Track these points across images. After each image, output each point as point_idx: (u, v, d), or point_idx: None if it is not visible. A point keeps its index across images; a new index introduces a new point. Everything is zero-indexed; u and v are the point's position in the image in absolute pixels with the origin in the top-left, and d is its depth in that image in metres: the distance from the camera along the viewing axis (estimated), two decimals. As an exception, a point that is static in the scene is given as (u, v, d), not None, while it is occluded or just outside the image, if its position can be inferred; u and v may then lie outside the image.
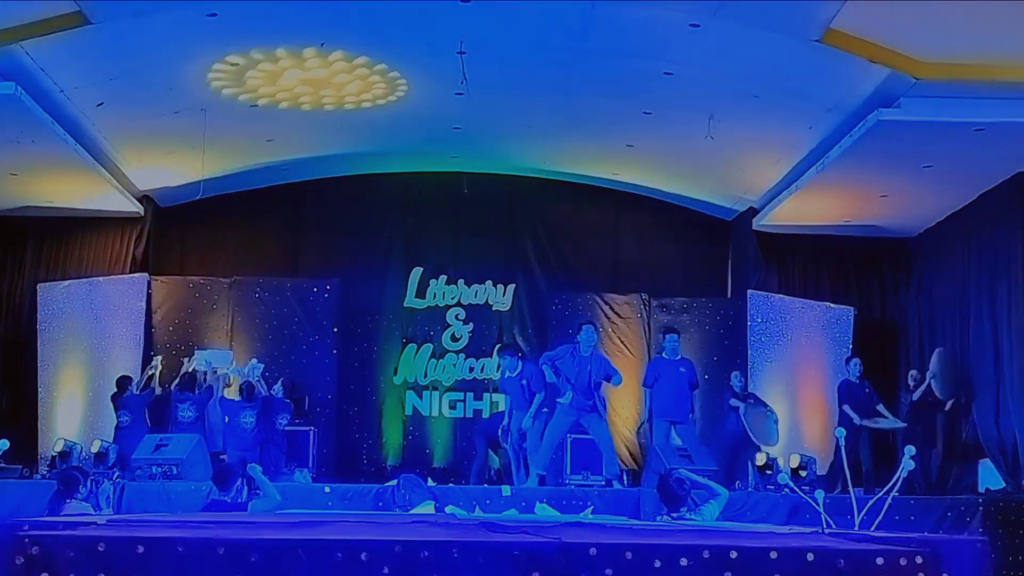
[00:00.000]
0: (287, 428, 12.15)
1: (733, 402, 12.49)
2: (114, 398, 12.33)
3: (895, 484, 5.93)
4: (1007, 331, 11.81)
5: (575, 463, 12.44)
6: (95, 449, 10.97)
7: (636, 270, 15.47)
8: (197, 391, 12.33)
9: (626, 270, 15.51)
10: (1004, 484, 11.67)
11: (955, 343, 13.05)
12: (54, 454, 11.43)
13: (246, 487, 8.29)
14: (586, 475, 11.88)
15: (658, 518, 8.19)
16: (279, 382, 12.60)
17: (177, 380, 12.42)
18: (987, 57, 9.90)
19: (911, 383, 12.97)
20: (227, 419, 12.17)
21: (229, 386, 12.85)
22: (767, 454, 11.44)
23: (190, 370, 12.47)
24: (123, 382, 12.41)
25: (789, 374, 13.50)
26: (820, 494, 6.41)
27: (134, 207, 14.14)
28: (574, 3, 9.97)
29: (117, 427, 12.07)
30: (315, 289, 13.98)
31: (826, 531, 5.33)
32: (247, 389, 12.26)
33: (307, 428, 12.79)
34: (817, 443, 12.57)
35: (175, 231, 15.22)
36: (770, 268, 14.62)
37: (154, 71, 11.08)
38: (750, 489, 10.73)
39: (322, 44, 10.93)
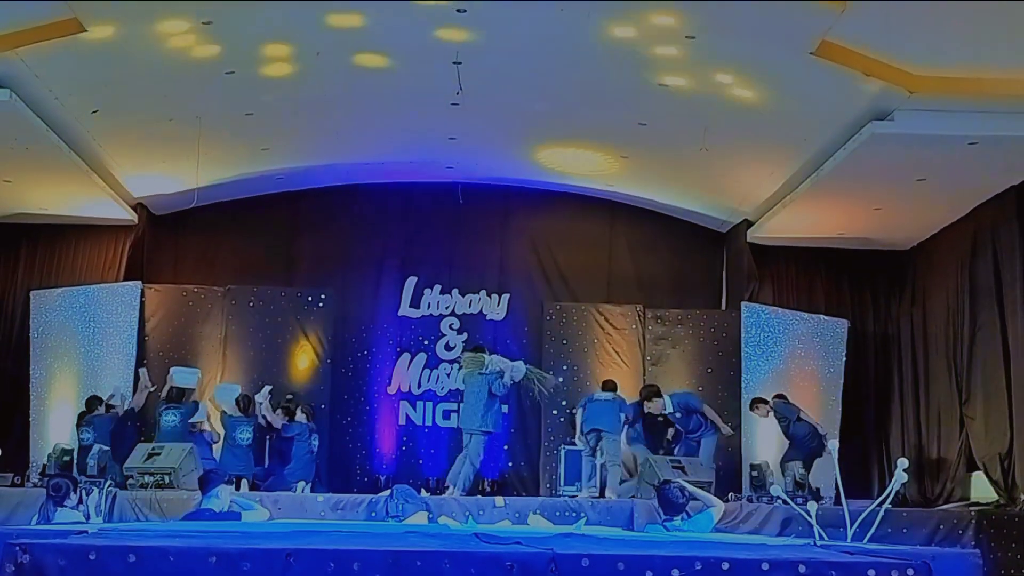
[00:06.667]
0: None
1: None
2: (80, 416, 12.25)
3: (888, 496, 5.92)
4: (1001, 345, 11.82)
5: (568, 475, 12.45)
6: (101, 462, 10.93)
7: (630, 281, 15.47)
8: (184, 402, 12.36)
9: (620, 281, 15.50)
10: (997, 497, 11.68)
11: (948, 356, 13.05)
12: (51, 454, 11.34)
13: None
14: (579, 486, 11.88)
15: (648, 528, 8.21)
16: (299, 409, 12.49)
17: (164, 394, 12.45)
18: (981, 71, 9.92)
19: None
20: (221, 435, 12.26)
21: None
22: (762, 464, 11.46)
23: (171, 388, 12.49)
24: (92, 402, 12.33)
25: (783, 386, 13.47)
26: (813, 506, 6.40)
27: (128, 215, 14.13)
28: (569, 15, 9.97)
29: (79, 445, 11.90)
30: (309, 298, 13.95)
31: (818, 543, 5.33)
32: (243, 402, 12.23)
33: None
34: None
35: (169, 239, 15.19)
36: (764, 280, 14.64)
37: (149, 78, 11.06)
38: (743, 500, 10.73)
39: (318, 53, 10.93)
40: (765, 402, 12.55)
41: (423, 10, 10.04)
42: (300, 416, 12.38)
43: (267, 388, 12.51)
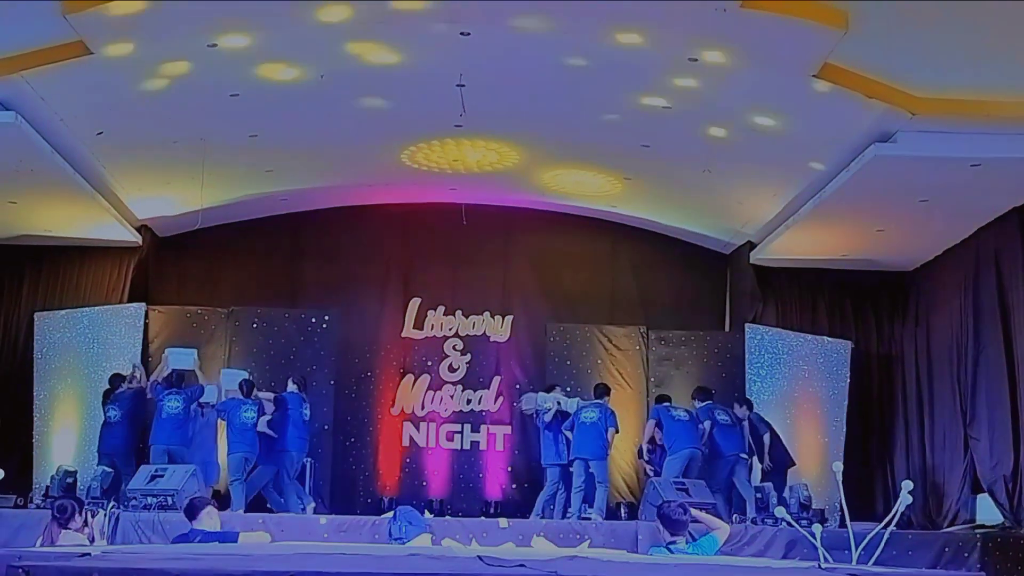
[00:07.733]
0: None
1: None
2: (106, 394, 12.39)
3: (893, 519, 5.91)
4: (1005, 366, 11.80)
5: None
6: (104, 484, 10.95)
7: (634, 302, 15.48)
8: (185, 386, 12.34)
9: (624, 302, 15.51)
10: (1002, 519, 11.63)
11: (952, 377, 13.03)
12: (54, 475, 11.39)
13: None
14: (584, 508, 11.84)
15: (652, 550, 8.18)
16: (290, 380, 12.57)
17: (163, 377, 12.42)
18: (983, 93, 9.94)
19: None
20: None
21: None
22: (763, 487, 11.43)
23: (167, 372, 12.47)
24: (115, 380, 12.50)
25: (786, 407, 13.47)
26: (818, 528, 6.40)
27: (132, 236, 14.14)
28: (573, 38, 10.02)
29: (105, 423, 12.17)
30: (313, 320, 13.95)
31: (823, 566, 5.31)
32: (246, 387, 12.22)
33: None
34: (813, 476, 12.53)
35: (173, 261, 15.20)
36: (767, 302, 14.62)
37: (154, 101, 11.10)
38: (748, 522, 10.69)
39: (322, 76, 10.97)
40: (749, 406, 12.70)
41: (428, 34, 10.09)
42: (291, 387, 12.44)
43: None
